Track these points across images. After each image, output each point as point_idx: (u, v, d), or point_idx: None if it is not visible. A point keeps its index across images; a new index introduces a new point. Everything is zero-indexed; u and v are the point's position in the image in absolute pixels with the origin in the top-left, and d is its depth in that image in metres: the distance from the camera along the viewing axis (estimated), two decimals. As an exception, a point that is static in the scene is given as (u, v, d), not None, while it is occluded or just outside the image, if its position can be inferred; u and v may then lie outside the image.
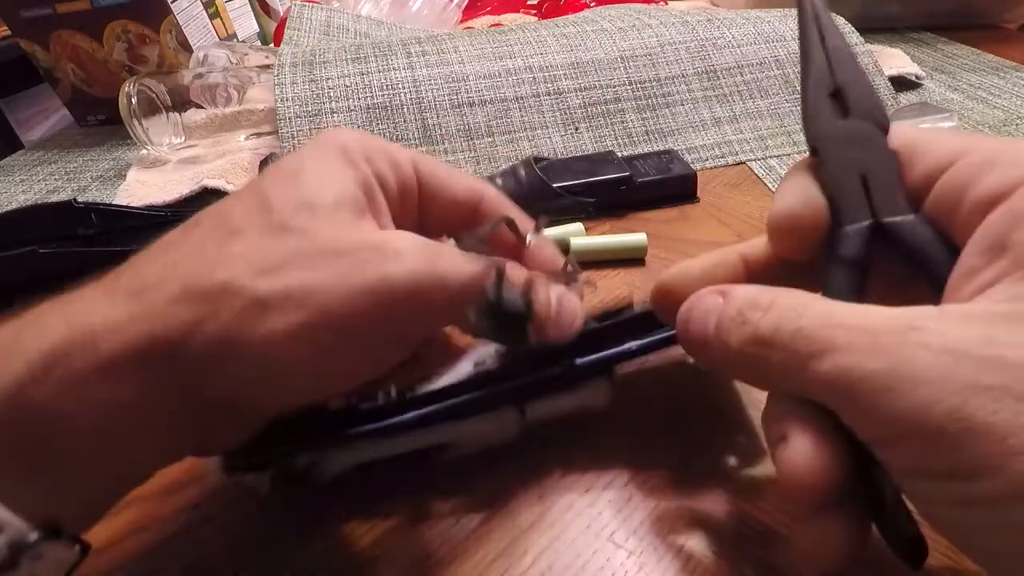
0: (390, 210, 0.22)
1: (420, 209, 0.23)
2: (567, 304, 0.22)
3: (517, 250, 0.24)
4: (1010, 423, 0.12)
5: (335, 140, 0.21)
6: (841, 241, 0.17)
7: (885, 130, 0.16)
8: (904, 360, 0.13)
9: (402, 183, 0.22)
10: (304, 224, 0.18)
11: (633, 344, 0.23)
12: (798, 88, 0.52)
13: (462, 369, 0.23)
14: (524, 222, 0.24)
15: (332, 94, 0.45)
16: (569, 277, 0.23)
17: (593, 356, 0.23)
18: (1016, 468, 0.12)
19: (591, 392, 0.23)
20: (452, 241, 0.23)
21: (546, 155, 0.43)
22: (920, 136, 0.17)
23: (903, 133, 0.17)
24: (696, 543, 0.21)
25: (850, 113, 0.17)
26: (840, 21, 0.52)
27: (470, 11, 0.76)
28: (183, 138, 0.49)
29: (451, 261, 0.19)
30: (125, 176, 0.48)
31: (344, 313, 0.18)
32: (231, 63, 0.55)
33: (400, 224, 0.22)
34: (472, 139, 0.44)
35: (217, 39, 0.62)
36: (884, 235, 0.16)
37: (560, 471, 0.23)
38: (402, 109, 0.45)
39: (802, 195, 0.17)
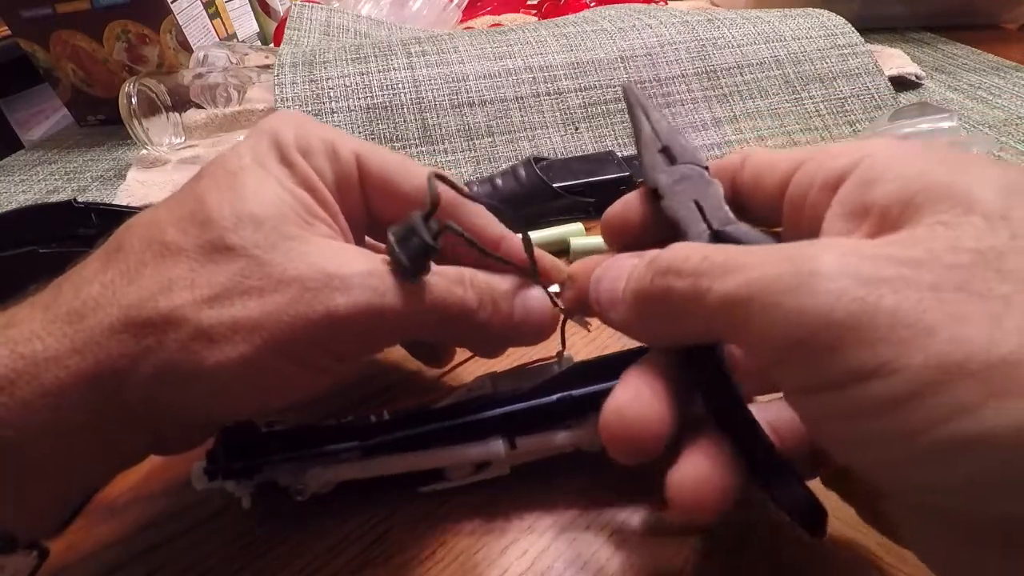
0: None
1: (368, 201, 0.22)
2: (533, 305, 0.22)
3: (494, 244, 0.23)
4: (912, 311, 0.12)
5: (271, 134, 0.20)
6: None
7: (706, 168, 0.20)
8: (807, 261, 0.13)
9: (341, 177, 0.21)
10: (248, 243, 0.18)
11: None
12: (798, 88, 0.51)
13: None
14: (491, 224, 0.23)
15: (332, 94, 0.45)
16: (536, 274, 0.22)
17: (589, 388, 0.22)
18: (913, 361, 0.12)
19: (586, 432, 0.22)
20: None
21: (546, 155, 0.43)
22: (769, 157, 0.19)
23: (756, 159, 0.20)
24: (696, 544, 0.21)
25: (676, 161, 0.21)
26: (840, 21, 0.52)
27: (470, 11, 0.76)
28: (183, 138, 0.49)
29: (396, 291, 0.19)
30: (125, 176, 0.48)
31: (290, 341, 0.18)
32: (231, 63, 0.55)
33: (343, 217, 0.22)
34: (472, 139, 0.44)
35: (217, 39, 0.62)
36: (722, 240, 0.18)
37: (560, 471, 0.23)
38: (402, 109, 0.45)
39: (611, 208, 0.22)
